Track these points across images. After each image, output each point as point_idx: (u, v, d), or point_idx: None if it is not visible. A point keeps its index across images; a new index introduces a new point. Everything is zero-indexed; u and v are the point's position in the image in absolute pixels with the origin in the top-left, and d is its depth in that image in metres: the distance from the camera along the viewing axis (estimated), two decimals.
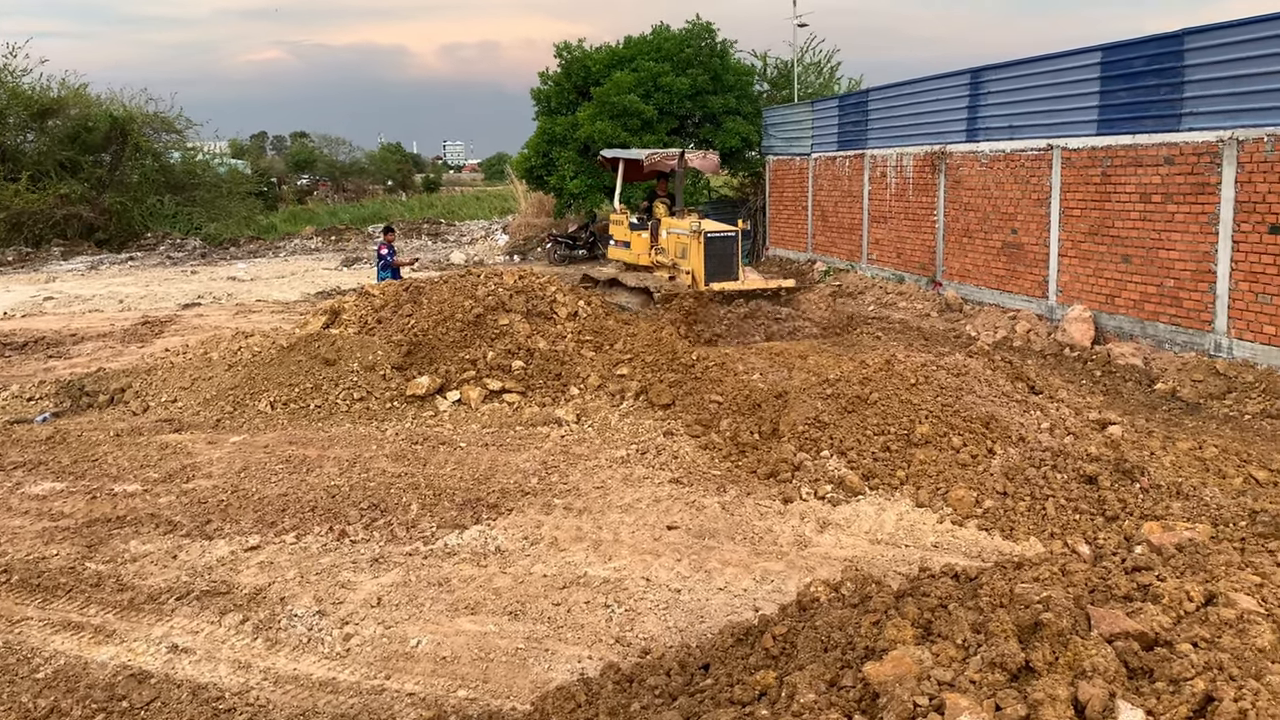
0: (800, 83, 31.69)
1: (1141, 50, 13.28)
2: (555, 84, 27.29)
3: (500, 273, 12.87)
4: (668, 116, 25.49)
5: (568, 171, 25.51)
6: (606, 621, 6.19)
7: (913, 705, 3.33)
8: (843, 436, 8.98)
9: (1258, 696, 3.32)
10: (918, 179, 19.18)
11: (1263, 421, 10.31)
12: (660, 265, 17.10)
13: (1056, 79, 15.01)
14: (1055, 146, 15.00)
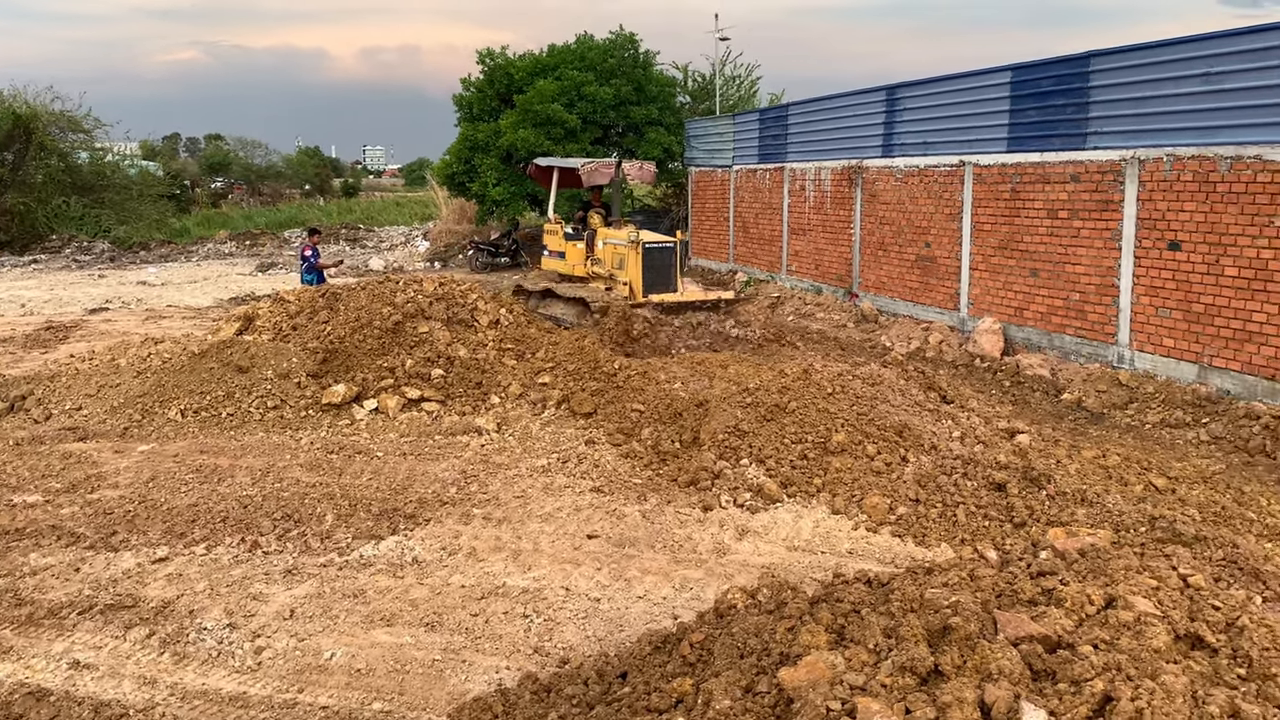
0: (721, 96, 32.03)
1: (1049, 71, 13.73)
2: (478, 90, 27.14)
3: (420, 279, 12.74)
4: (591, 126, 25.54)
5: (490, 178, 25.38)
6: (525, 631, 6.16)
7: (825, 710, 3.38)
8: (762, 445, 9.09)
9: (1153, 696, 3.45)
10: (835, 192, 19.52)
11: (1162, 430, 10.71)
12: (596, 276, 16.84)
13: (969, 97, 15.43)
14: (967, 163, 15.41)
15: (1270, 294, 10.46)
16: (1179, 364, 11.65)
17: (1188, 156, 11.42)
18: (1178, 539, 6.73)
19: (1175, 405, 11.08)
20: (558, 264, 18.05)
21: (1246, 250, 10.72)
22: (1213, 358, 11.19)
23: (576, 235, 17.66)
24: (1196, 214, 11.34)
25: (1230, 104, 10.91)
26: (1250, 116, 10.68)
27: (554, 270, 18.17)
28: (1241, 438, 10.10)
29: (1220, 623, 4.29)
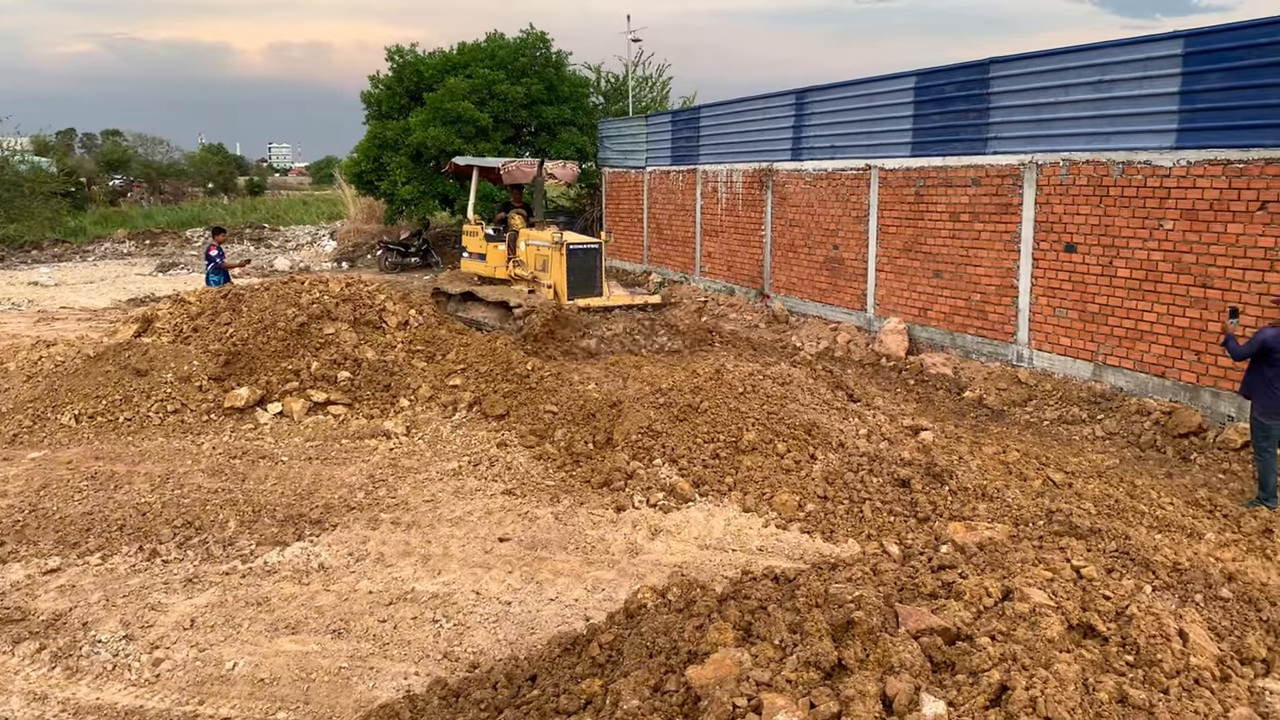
0: (634, 97, 32.11)
1: (952, 77, 14.08)
2: (387, 88, 26.73)
3: (326, 280, 12.50)
4: (503, 125, 25.36)
5: (399, 177, 25.01)
6: (434, 637, 6.09)
7: (732, 707, 3.41)
8: (675, 444, 9.14)
9: (1047, 684, 3.56)
10: (747, 195, 19.73)
11: (1059, 427, 11.07)
12: (519, 279, 16.38)
13: (874, 102, 15.73)
14: (873, 166, 15.72)
15: (1160, 294, 10.90)
16: (1075, 362, 12.06)
17: (1083, 161, 11.83)
18: (1073, 532, 6.96)
19: (1072, 402, 11.47)
20: (478, 266, 17.54)
21: (1138, 252, 11.15)
22: (1107, 356, 11.61)
23: (498, 236, 17.18)
24: (1091, 217, 11.75)
25: (1120, 111, 11.33)
26: (1139, 124, 11.11)
27: (474, 272, 17.65)
28: (1134, 433, 10.50)
29: (1111, 612, 4.45)
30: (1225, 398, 10.17)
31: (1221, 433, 9.96)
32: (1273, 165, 9.60)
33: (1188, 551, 6.87)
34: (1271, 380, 8.10)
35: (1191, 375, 10.55)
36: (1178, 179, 10.62)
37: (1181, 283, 10.63)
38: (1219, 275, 10.19)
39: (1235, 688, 4.43)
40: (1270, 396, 8.13)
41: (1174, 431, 10.27)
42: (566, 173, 17.86)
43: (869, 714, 3.34)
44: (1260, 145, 9.71)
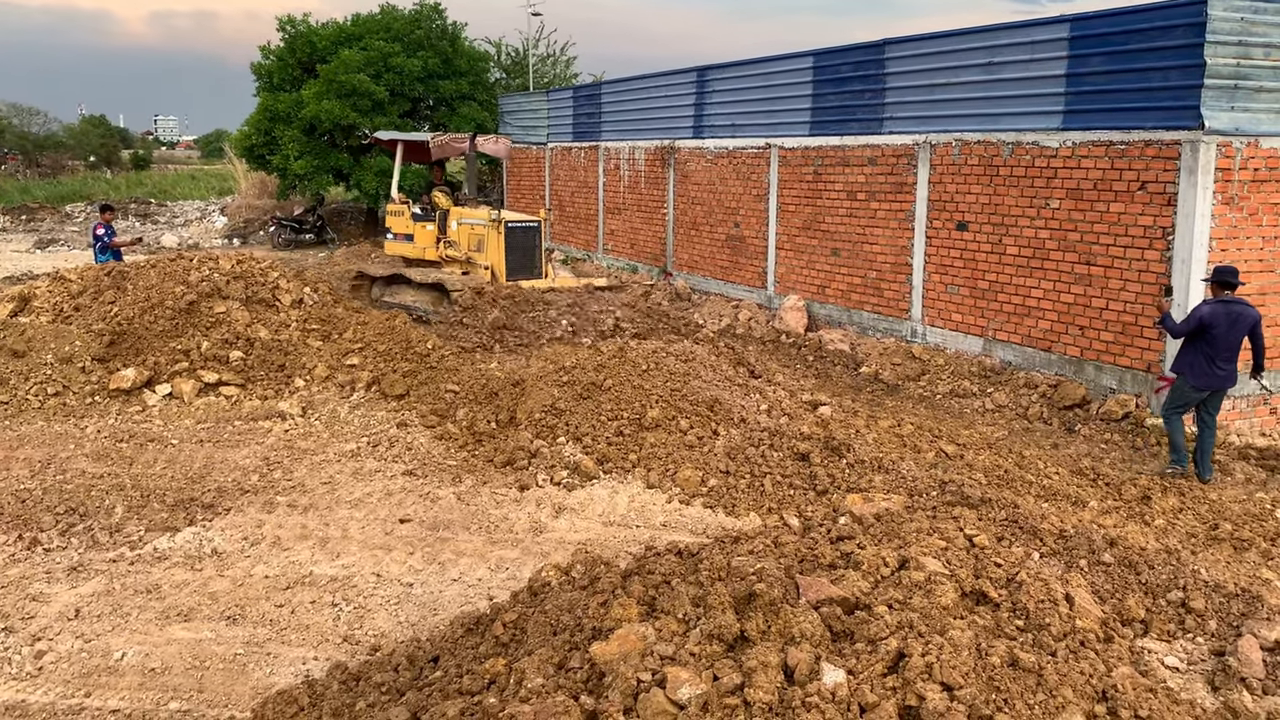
0: (537, 73, 31.80)
1: (848, 57, 14.29)
2: (278, 59, 25.90)
3: (216, 257, 12.08)
4: (400, 99, 24.83)
5: (292, 151, 24.30)
6: (334, 620, 5.98)
7: (636, 681, 3.43)
8: (579, 422, 9.12)
9: (942, 650, 3.67)
10: (649, 172, 19.74)
11: (951, 400, 11.40)
12: (451, 260, 15.49)
13: (774, 80, 15.88)
14: (773, 145, 15.88)
15: (1046, 271, 11.28)
16: (966, 338, 12.42)
17: (974, 141, 12.15)
18: (965, 502, 7.19)
19: (963, 376, 11.81)
20: (404, 247, 16.48)
21: (1026, 230, 11.51)
22: (996, 331, 11.98)
23: (425, 216, 16.26)
24: (982, 196, 12.08)
25: (1010, 93, 11.65)
26: (1027, 105, 11.45)
27: (399, 254, 16.62)
28: (1022, 405, 10.87)
29: (1002, 579, 4.61)
30: (1108, 371, 10.59)
31: (1104, 405, 10.38)
32: (1152, 147, 9.99)
33: (1073, 519, 7.15)
34: (1208, 356, 8.36)
35: (1076, 350, 10.96)
36: (1064, 159, 10.99)
37: (1067, 260, 11.01)
38: (1102, 253, 10.59)
39: (1117, 648, 4.64)
40: (1205, 371, 8.39)
41: (1059, 404, 10.67)
42: (499, 147, 17.07)
43: (771, 684, 3.39)
44: (1141, 127, 10.10)
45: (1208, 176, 9.54)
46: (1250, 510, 7.83)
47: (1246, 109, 9.61)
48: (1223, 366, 8.38)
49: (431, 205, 16.24)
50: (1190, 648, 5.49)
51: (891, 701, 3.39)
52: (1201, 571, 6.13)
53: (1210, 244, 9.65)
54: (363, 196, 25.62)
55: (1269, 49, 9.54)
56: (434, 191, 16.46)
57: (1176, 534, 7.40)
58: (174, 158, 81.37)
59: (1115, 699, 3.72)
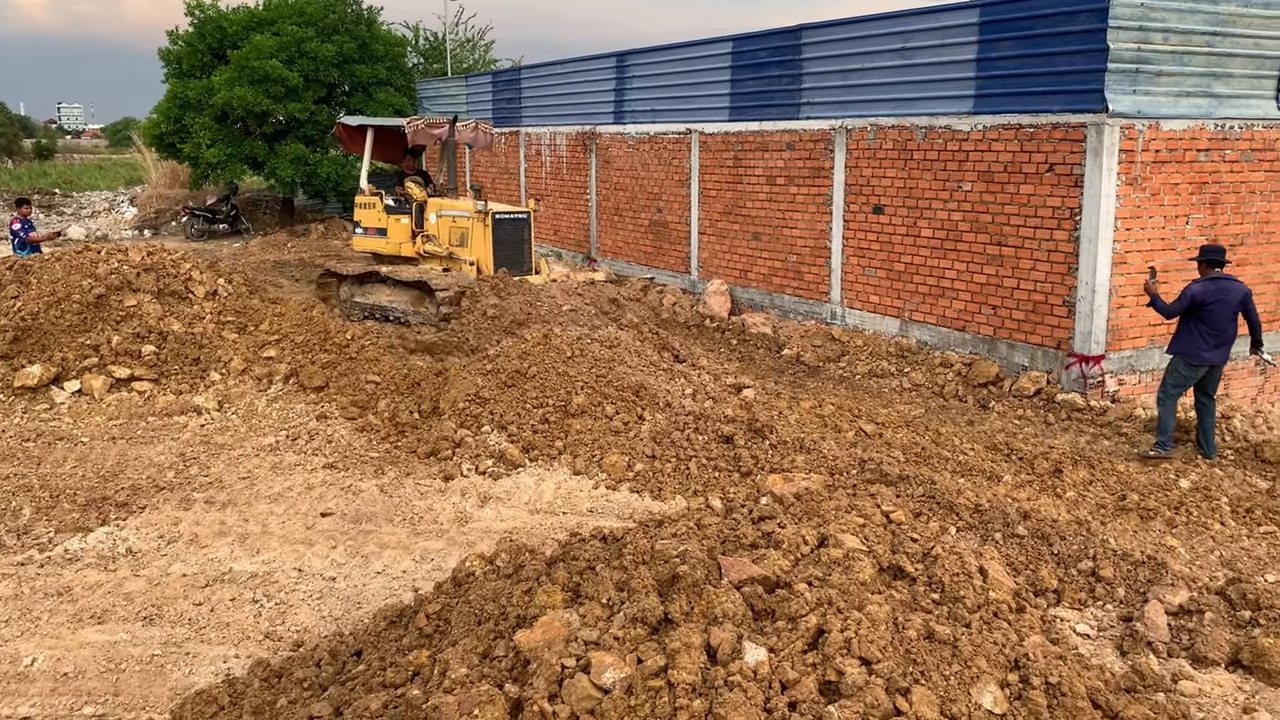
0: (454, 58, 31.43)
1: (766, 43, 14.39)
2: (187, 44, 25.16)
3: (126, 249, 11.72)
4: (314, 84, 24.32)
5: (204, 139, 23.65)
6: (255, 617, 5.88)
7: (561, 668, 3.44)
8: (503, 411, 9.08)
9: (860, 625, 3.75)
10: (571, 158, 19.67)
11: (870, 380, 11.60)
12: (430, 256, 14.29)
13: (694, 66, 15.92)
14: (693, 130, 15.94)
15: (960, 253, 11.53)
16: (884, 319, 12.64)
17: (888, 126, 12.34)
18: (884, 479, 7.34)
19: (881, 357, 12.03)
20: (376, 243, 15.13)
21: (940, 213, 11.74)
22: (912, 312, 12.22)
23: (400, 208, 14.95)
24: (897, 180, 12.29)
25: (922, 78, 11.86)
26: (940, 90, 11.66)
27: (370, 250, 15.31)
28: (938, 384, 11.11)
29: (918, 553, 4.72)
30: (1020, 349, 10.88)
31: (1016, 381, 10.67)
32: (1059, 130, 10.27)
33: (987, 493, 7.36)
34: (1201, 333, 8.53)
35: (989, 329, 11.23)
36: (975, 143, 11.23)
37: (979, 241, 11.27)
38: (1013, 234, 10.86)
39: (1030, 617, 4.78)
40: (1201, 348, 8.54)
41: (974, 381, 10.93)
42: (480, 134, 15.69)
43: (694, 665, 3.43)
44: (1049, 111, 10.36)
45: (1112, 158, 9.84)
46: (1155, 481, 8.13)
47: (1147, 92, 9.93)
48: (1219, 343, 8.56)
49: (405, 197, 15.06)
50: (1100, 615, 5.70)
51: (812, 677, 3.45)
52: (1110, 541, 6.36)
53: (1115, 224, 9.96)
54: (278, 185, 25.07)
55: (1168, 34, 9.86)
56: (406, 181, 15.20)
57: (1087, 505, 7.65)
58: (79, 147, 78.64)
59: (1027, 667, 3.84)
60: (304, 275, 19.21)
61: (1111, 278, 10.04)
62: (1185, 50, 9.99)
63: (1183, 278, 10.41)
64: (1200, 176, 10.34)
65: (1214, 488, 8.00)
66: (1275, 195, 10.87)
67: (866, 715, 3.29)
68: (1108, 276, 10.02)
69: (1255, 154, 10.62)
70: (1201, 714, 4.63)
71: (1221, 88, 10.32)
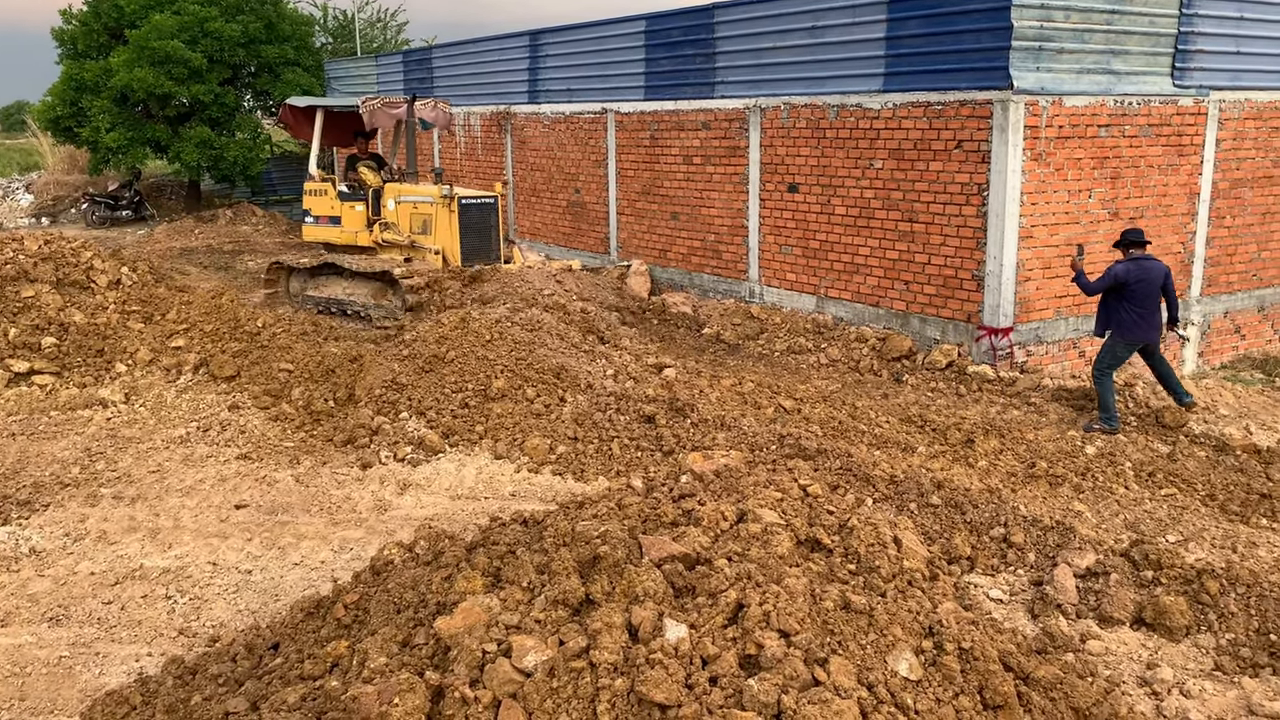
0: (364, 37, 30.81)
1: (679, 21, 14.38)
2: (82, 24, 24.17)
3: (21, 237, 11.27)
4: (219, 65, 23.58)
5: (102, 123, 22.79)
6: (169, 614, 5.74)
7: (482, 653, 3.42)
8: (421, 396, 8.98)
9: (778, 598, 3.80)
10: (486, 138, 19.44)
11: (789, 357, 11.73)
12: (391, 245, 13.40)
13: (608, 45, 15.84)
14: (609, 110, 15.87)
15: (872, 230, 11.70)
16: (801, 296, 12.78)
17: (801, 105, 12.44)
18: (802, 454, 7.44)
19: (799, 333, 12.17)
20: (329, 232, 14.12)
21: (852, 191, 11.90)
22: (828, 289, 12.38)
23: (354, 195, 13.97)
24: (811, 158, 12.41)
25: (833, 56, 11.97)
26: (850, 68, 11.79)
27: (322, 240, 14.30)
28: (853, 359, 11.29)
29: (835, 526, 4.80)
30: (931, 323, 11.10)
31: (929, 355, 10.89)
32: (966, 107, 10.46)
33: (903, 465, 7.51)
34: (1128, 311, 8.85)
35: (902, 304, 11.44)
36: (885, 121, 11.39)
37: (891, 218, 11.45)
38: (923, 210, 11.06)
39: (943, 584, 4.90)
40: (1133, 325, 8.87)
41: (888, 356, 11.13)
42: (439, 114, 14.68)
43: (615, 644, 3.45)
44: (956, 88, 10.55)
45: (1017, 134, 10.07)
46: (1063, 448, 8.38)
47: (1050, 69, 10.17)
48: (1148, 319, 8.92)
49: (359, 182, 14.11)
50: (1012, 580, 5.87)
51: (732, 652, 3.49)
52: (1021, 508, 6.54)
53: (1021, 198, 10.20)
54: (183, 170, 24.30)
55: (1069, 11, 10.10)
56: (359, 166, 14.25)
57: (998, 474, 7.85)
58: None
59: (941, 633, 3.93)
60: (212, 262, 18.73)
61: (1018, 252, 10.29)
62: (1086, 28, 10.25)
63: (1088, 251, 10.74)
64: (1101, 151, 10.64)
65: (1118, 453, 8.28)
66: (1172, 169, 11.25)
67: (786, 687, 3.34)
68: (1014, 250, 10.26)
69: (1153, 129, 10.96)
70: (1108, 671, 4.81)
71: (1120, 65, 10.62)
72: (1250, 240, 12.24)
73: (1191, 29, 10.96)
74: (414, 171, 14.29)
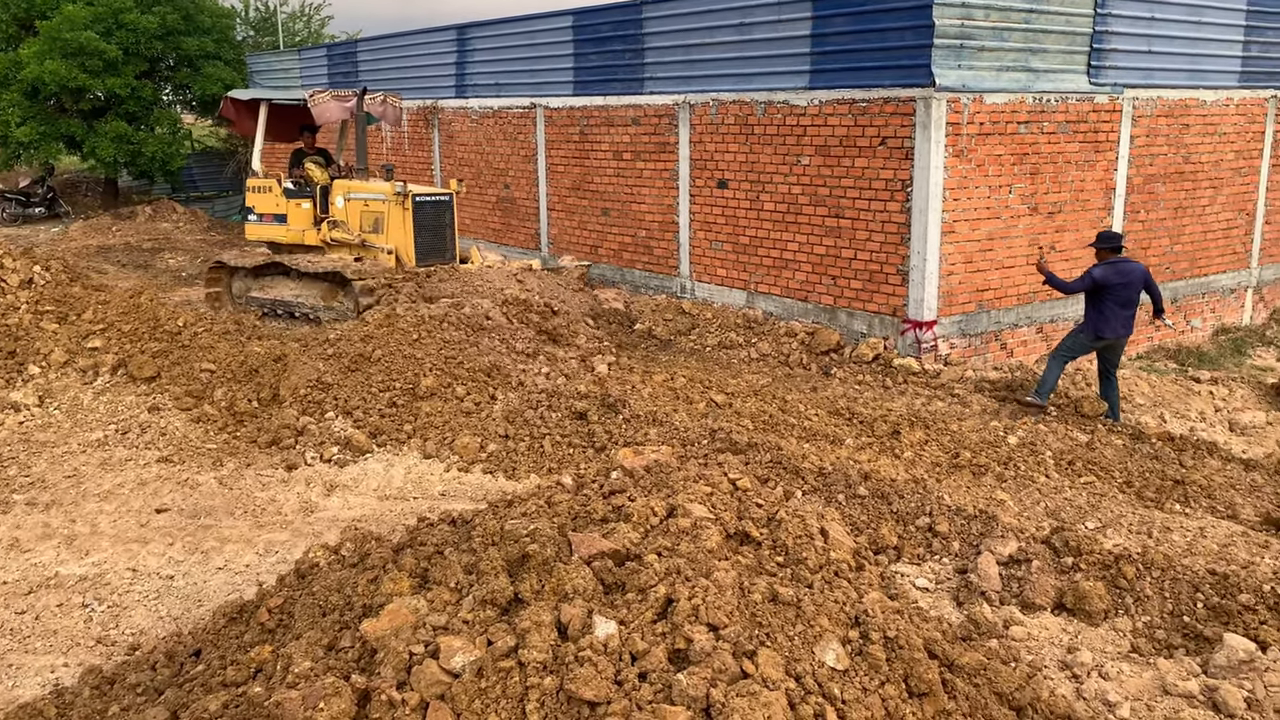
0: (286, 30, 30.23)
1: (608, 17, 14.36)
2: None
3: None
4: (135, 58, 22.94)
5: (12, 117, 22.03)
6: (86, 623, 5.57)
7: (409, 655, 3.38)
8: (348, 396, 8.85)
9: (707, 592, 3.82)
10: (413, 133, 19.21)
11: (720, 352, 11.80)
12: (339, 244, 12.83)
13: (536, 40, 15.76)
14: (538, 105, 15.80)
15: (800, 226, 11.82)
16: (731, 291, 12.87)
17: (729, 101, 12.52)
18: (733, 448, 7.49)
19: (730, 328, 12.25)
20: (274, 231, 13.50)
21: (780, 187, 12.00)
22: (758, 284, 12.48)
23: (301, 192, 13.36)
24: (739, 154, 12.49)
25: (761, 53, 12.06)
26: (777, 65, 11.89)
27: (266, 240, 13.72)
28: (783, 353, 11.40)
29: (763, 518, 4.84)
30: (858, 317, 11.26)
31: (856, 348, 11.04)
32: (890, 104, 10.62)
33: (831, 457, 7.60)
34: (1109, 312, 9.12)
35: (829, 298, 11.58)
36: (812, 117, 11.51)
37: (818, 214, 11.58)
38: (849, 206, 11.20)
39: (869, 575, 4.97)
40: (1106, 324, 9.14)
41: (817, 349, 11.26)
42: (389, 110, 14.06)
43: (544, 643, 3.43)
44: (880, 85, 10.70)
45: (940, 131, 10.24)
46: (986, 438, 8.56)
47: (971, 67, 10.37)
48: (1123, 319, 9.18)
49: (305, 179, 13.47)
50: (938, 568, 5.97)
51: (661, 647, 3.50)
52: (945, 497, 6.66)
53: (944, 194, 10.39)
54: (99, 166, 23.61)
55: (989, 10, 10.31)
56: (306, 162, 13.59)
57: (923, 464, 7.99)
58: None
59: (867, 623, 3.99)
60: (131, 260, 18.25)
61: (941, 246, 10.48)
62: (1005, 26, 10.47)
63: (1008, 245, 10.99)
64: (1021, 148, 10.89)
65: (1039, 443, 8.48)
66: (1089, 165, 11.55)
67: (714, 680, 3.36)
68: (938, 245, 10.45)
69: (1070, 126, 11.24)
70: (1030, 656, 4.92)
71: (1039, 63, 10.87)
72: (1163, 234, 12.64)
73: (1106, 28, 11.27)
74: (364, 168, 13.66)
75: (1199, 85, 12.55)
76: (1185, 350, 12.78)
